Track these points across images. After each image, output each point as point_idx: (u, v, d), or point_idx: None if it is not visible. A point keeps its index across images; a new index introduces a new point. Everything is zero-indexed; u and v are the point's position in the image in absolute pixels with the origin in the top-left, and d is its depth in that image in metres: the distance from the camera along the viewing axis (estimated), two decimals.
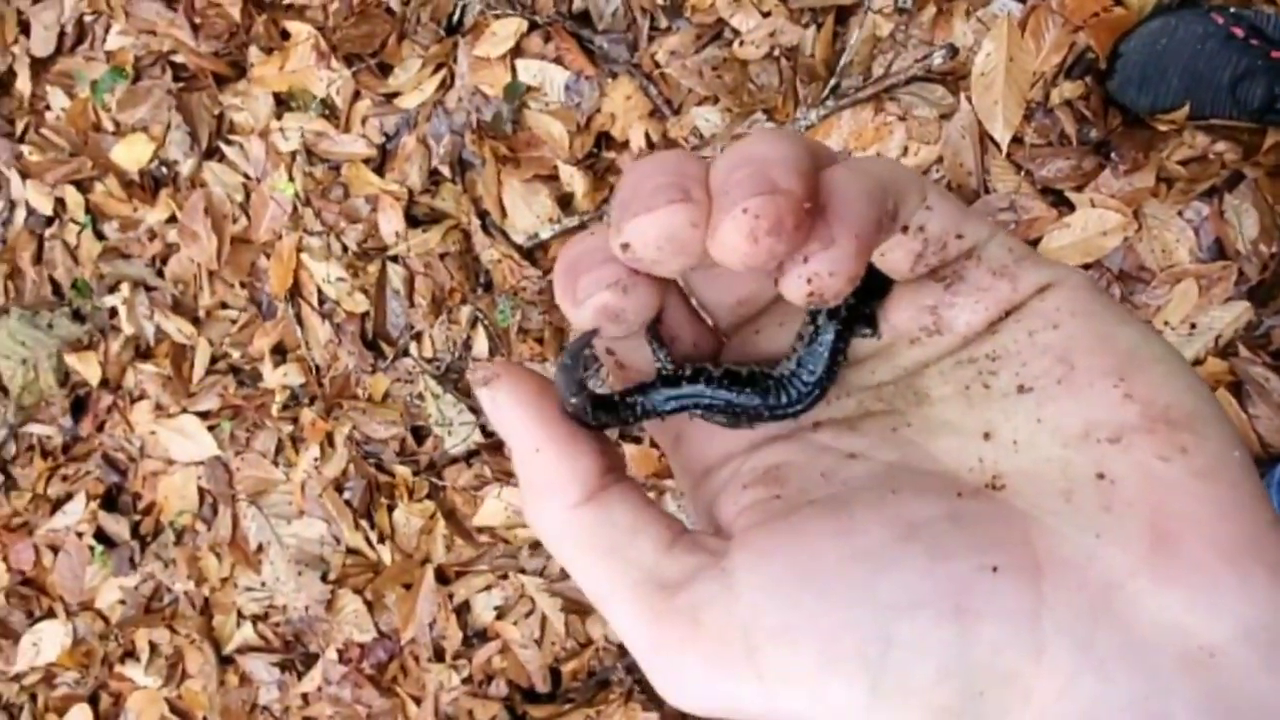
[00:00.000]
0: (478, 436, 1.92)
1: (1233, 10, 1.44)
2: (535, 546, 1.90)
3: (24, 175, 2.30)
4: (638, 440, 1.82)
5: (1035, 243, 1.56)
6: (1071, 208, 1.55)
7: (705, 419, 0.38)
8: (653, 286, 0.33)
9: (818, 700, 0.31)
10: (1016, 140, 1.56)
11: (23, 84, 2.30)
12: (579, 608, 1.86)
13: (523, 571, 1.91)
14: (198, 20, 2.10)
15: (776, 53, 1.69)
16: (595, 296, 0.33)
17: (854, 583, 0.32)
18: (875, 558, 0.32)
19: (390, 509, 2.00)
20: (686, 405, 0.37)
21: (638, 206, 0.31)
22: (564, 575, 1.87)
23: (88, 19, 2.24)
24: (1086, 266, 1.56)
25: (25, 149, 2.30)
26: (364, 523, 2.03)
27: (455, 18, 1.91)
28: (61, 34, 2.25)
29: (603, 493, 0.35)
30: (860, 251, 0.30)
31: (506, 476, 1.91)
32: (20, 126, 2.31)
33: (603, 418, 0.36)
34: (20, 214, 2.32)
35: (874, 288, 0.37)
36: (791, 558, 0.33)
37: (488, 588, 1.94)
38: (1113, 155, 1.54)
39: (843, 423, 0.38)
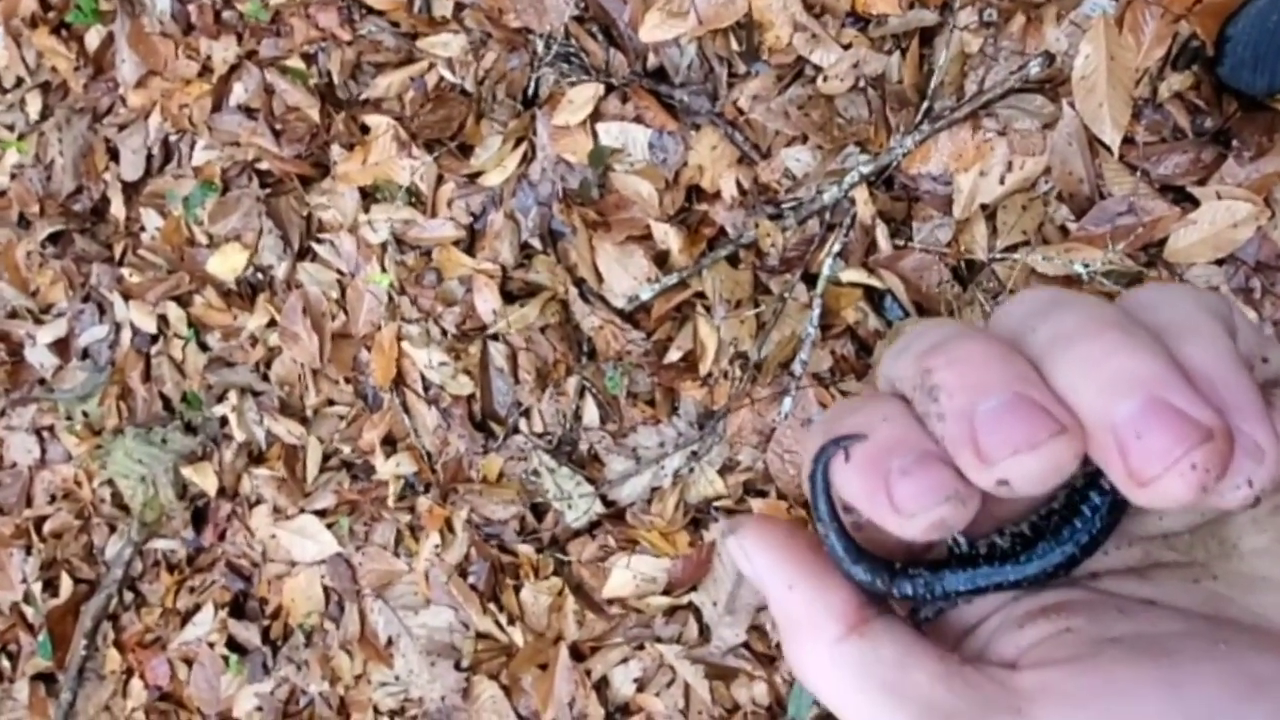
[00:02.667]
0: (598, 507, 1.89)
1: None
2: (670, 614, 1.85)
3: (126, 297, 2.35)
4: (763, 494, 1.77)
5: (1161, 243, 1.49)
6: (1195, 203, 1.48)
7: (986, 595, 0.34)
8: (980, 495, 0.30)
9: None
10: (1128, 141, 1.50)
11: (117, 209, 2.36)
12: (723, 673, 1.80)
13: (659, 640, 1.85)
14: (278, 126, 2.14)
15: (862, 83, 1.65)
16: (931, 512, 0.29)
17: None
18: (1213, 716, 0.28)
19: (517, 589, 1.97)
20: (985, 588, 0.33)
21: (1013, 439, 0.28)
22: (703, 640, 1.82)
23: (173, 138, 2.30)
24: (1220, 262, 1.48)
25: (125, 271, 2.35)
26: (492, 606, 2.00)
27: (530, 90, 1.91)
28: (149, 156, 2.31)
29: (865, 626, 0.32)
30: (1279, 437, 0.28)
31: (631, 545, 1.87)
32: (118, 250, 2.37)
33: (902, 591, 0.33)
34: (126, 335, 2.37)
35: None
36: (1107, 707, 0.28)
37: (625, 660, 1.89)
38: (1234, 143, 1.46)
39: (1127, 573, 0.34)
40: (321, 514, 2.17)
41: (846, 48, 1.64)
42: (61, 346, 2.47)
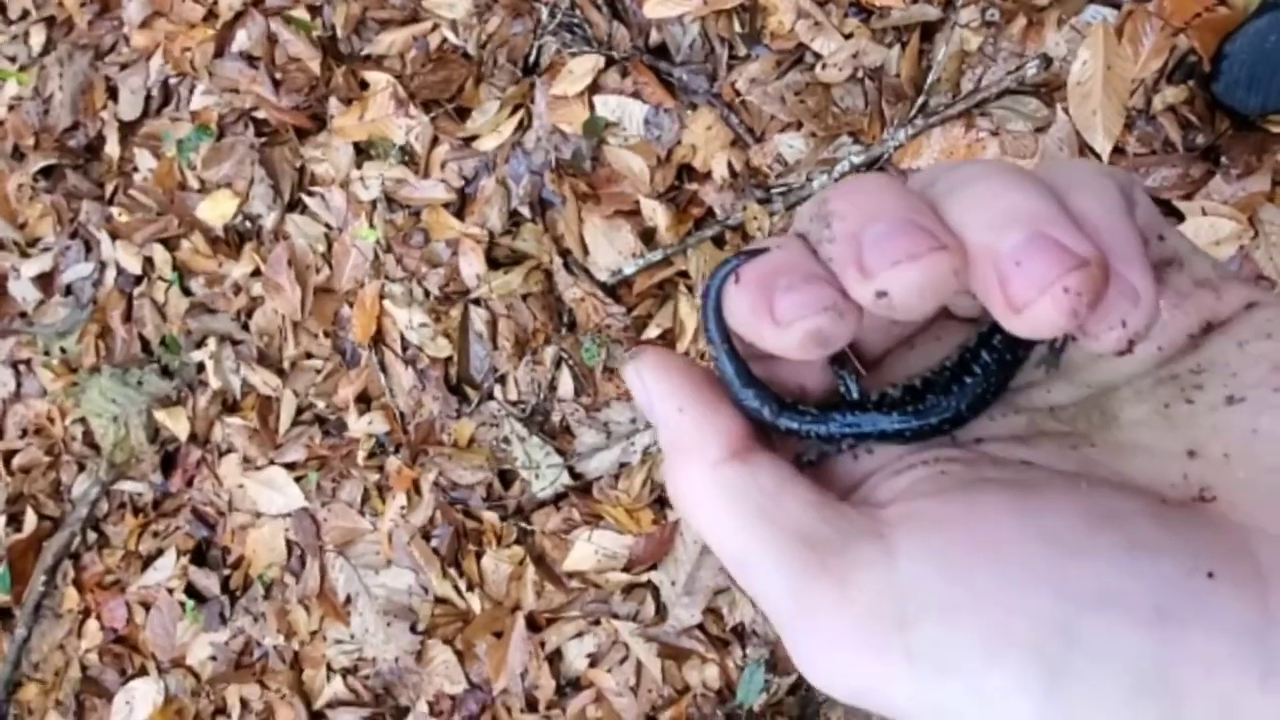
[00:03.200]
0: (566, 479, 1.88)
1: None
2: (628, 591, 1.85)
3: (113, 236, 2.35)
4: None
5: None
6: (1181, 217, 1.48)
7: (870, 445, 0.35)
8: (859, 312, 0.30)
9: (974, 692, 0.27)
10: (1118, 150, 1.50)
11: (111, 148, 2.35)
12: (676, 653, 1.80)
13: (616, 617, 1.85)
14: (279, 76, 2.13)
15: (860, 74, 1.65)
16: (808, 320, 0.30)
17: (1036, 565, 0.28)
18: (1064, 542, 0.28)
19: (479, 556, 1.97)
20: (868, 434, 0.34)
21: (893, 251, 0.29)
22: (658, 619, 1.81)
23: (173, 81, 2.29)
24: None
25: (114, 210, 2.34)
26: (452, 571, 2.00)
27: (531, 58, 1.91)
28: (148, 97, 2.31)
29: (748, 454, 0.32)
30: (1156, 288, 0.30)
31: (596, 520, 1.87)
32: (109, 189, 2.36)
33: (786, 424, 0.34)
34: (110, 274, 2.37)
35: None
36: (964, 528, 0.29)
37: (580, 635, 1.89)
38: (1223, 160, 1.47)
39: (1010, 439, 0.35)
40: (290, 467, 2.17)
41: (848, 37, 1.65)
42: (45, 281, 2.47)
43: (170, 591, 2.29)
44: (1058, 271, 0.28)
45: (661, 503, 1.83)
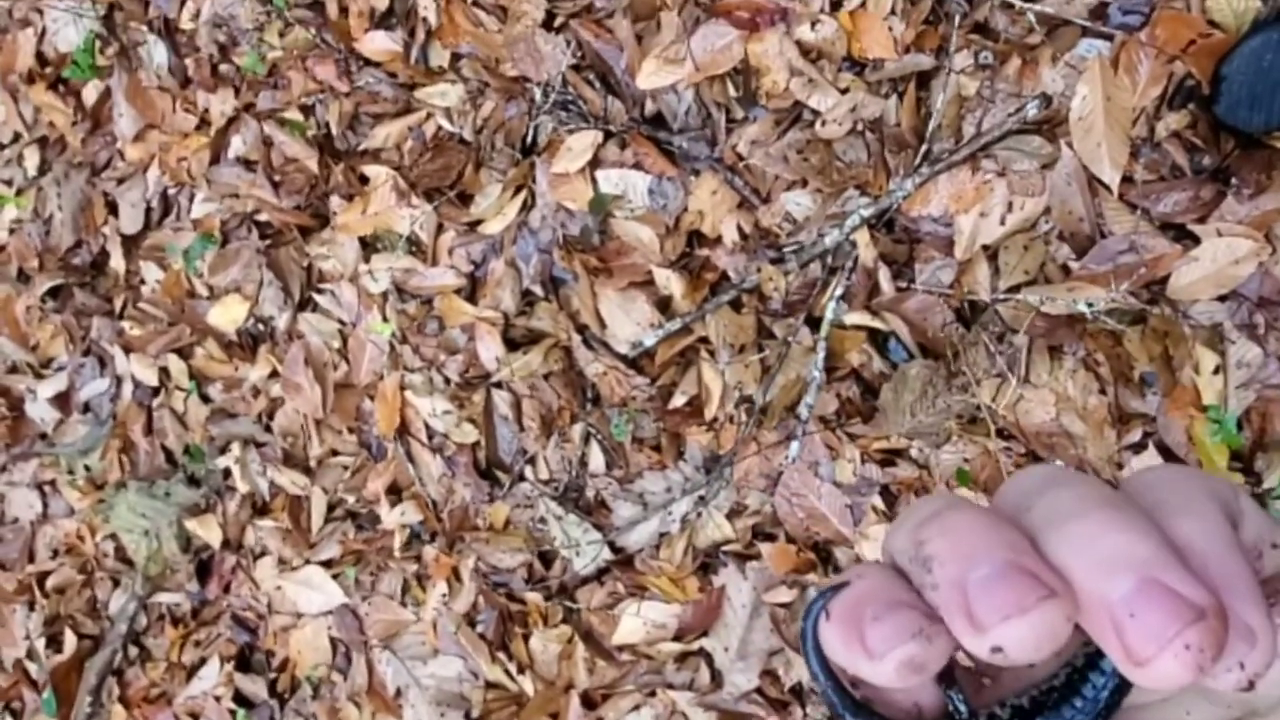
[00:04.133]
0: (607, 554, 1.88)
1: None
2: (681, 660, 1.84)
3: (126, 350, 2.35)
4: (771, 538, 1.76)
5: (1164, 281, 1.50)
6: (1196, 240, 1.48)
7: None
8: (947, 633, 0.30)
9: None
10: (1127, 179, 1.50)
11: (116, 262, 2.36)
12: (735, 719, 1.79)
13: (671, 687, 1.84)
14: (277, 178, 2.14)
15: (860, 127, 1.66)
16: (899, 650, 0.30)
17: None
18: None
19: (526, 637, 1.96)
20: None
21: (1002, 604, 0.28)
22: (714, 686, 1.80)
23: (171, 191, 2.30)
24: (1222, 298, 1.49)
25: (125, 324, 2.35)
26: (501, 654, 1.99)
27: (528, 138, 1.92)
28: (148, 209, 2.32)
29: None
30: (1275, 625, 0.29)
31: (641, 591, 1.86)
32: (118, 304, 2.37)
33: None
34: (127, 388, 2.37)
35: None
36: None
37: (636, 708, 1.88)
38: (1233, 180, 1.47)
39: None
40: (327, 564, 2.16)
41: (844, 92, 1.65)
42: (62, 401, 2.47)
43: (218, 700, 2.27)
44: (1176, 626, 0.27)
45: (706, 569, 1.83)
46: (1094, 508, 0.29)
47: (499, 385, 1.96)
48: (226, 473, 2.26)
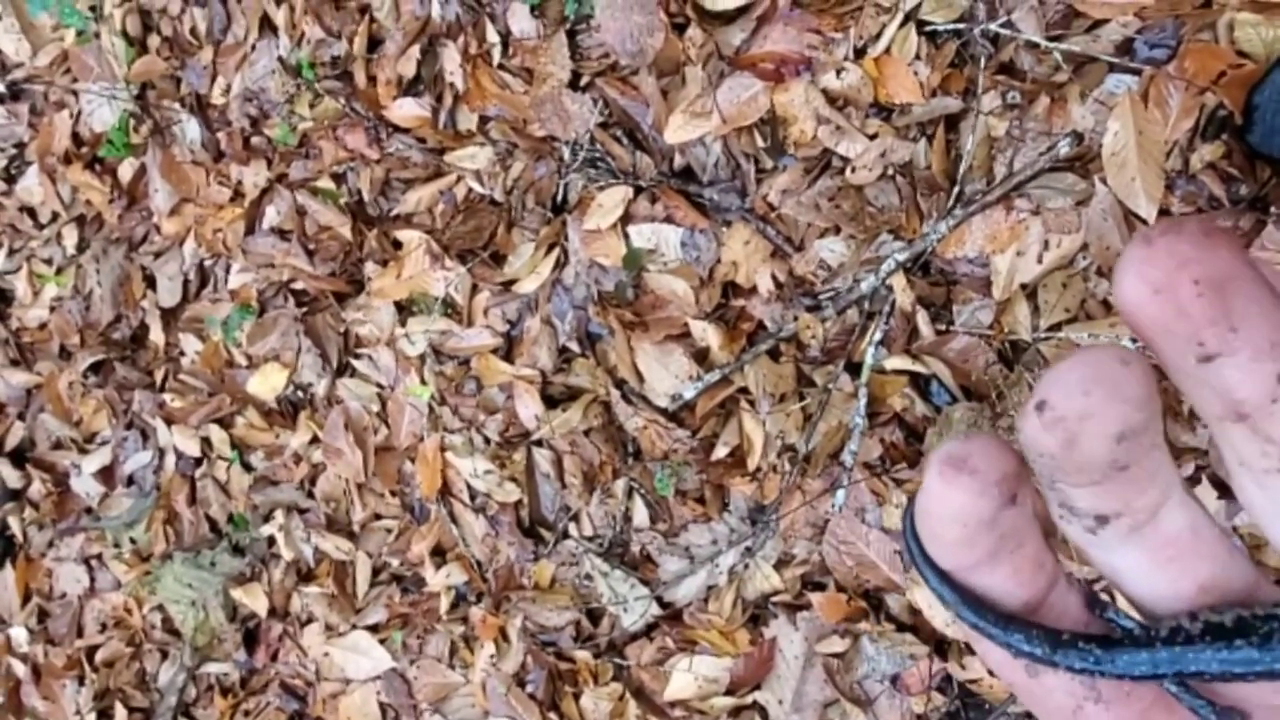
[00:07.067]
0: (655, 609, 1.87)
1: None
2: (735, 714, 1.82)
3: (168, 422, 2.37)
4: (821, 587, 1.74)
5: None
6: None
7: (1177, 693, 0.31)
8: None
9: None
10: (1163, 212, 1.49)
11: (155, 335, 2.39)
12: None
13: None
14: (311, 246, 2.17)
15: (890, 172, 1.66)
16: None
17: None
18: None
19: (577, 696, 1.94)
20: (1163, 674, 0.30)
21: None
22: None
23: (208, 263, 2.33)
24: None
25: (166, 396, 2.37)
26: (552, 714, 1.97)
27: (559, 197, 1.93)
28: (185, 282, 2.35)
29: None
30: None
31: (691, 645, 1.85)
32: (159, 376, 2.40)
33: (1059, 659, 0.31)
34: (170, 459, 2.39)
35: None
36: None
37: None
38: (1272, 209, 1.46)
39: None
40: (374, 629, 2.16)
41: (872, 138, 1.66)
42: (106, 474, 2.49)
43: None
44: None
45: (756, 620, 1.81)
46: None
47: (539, 443, 1.96)
48: (271, 540, 2.27)
